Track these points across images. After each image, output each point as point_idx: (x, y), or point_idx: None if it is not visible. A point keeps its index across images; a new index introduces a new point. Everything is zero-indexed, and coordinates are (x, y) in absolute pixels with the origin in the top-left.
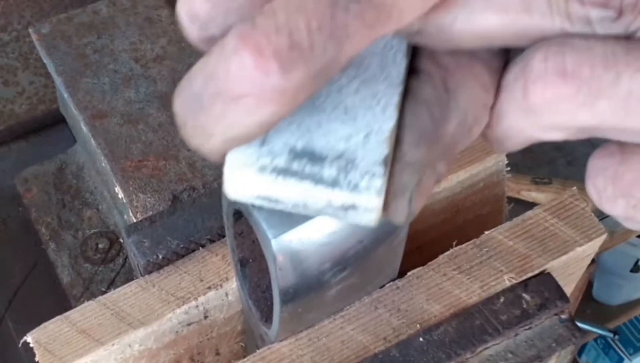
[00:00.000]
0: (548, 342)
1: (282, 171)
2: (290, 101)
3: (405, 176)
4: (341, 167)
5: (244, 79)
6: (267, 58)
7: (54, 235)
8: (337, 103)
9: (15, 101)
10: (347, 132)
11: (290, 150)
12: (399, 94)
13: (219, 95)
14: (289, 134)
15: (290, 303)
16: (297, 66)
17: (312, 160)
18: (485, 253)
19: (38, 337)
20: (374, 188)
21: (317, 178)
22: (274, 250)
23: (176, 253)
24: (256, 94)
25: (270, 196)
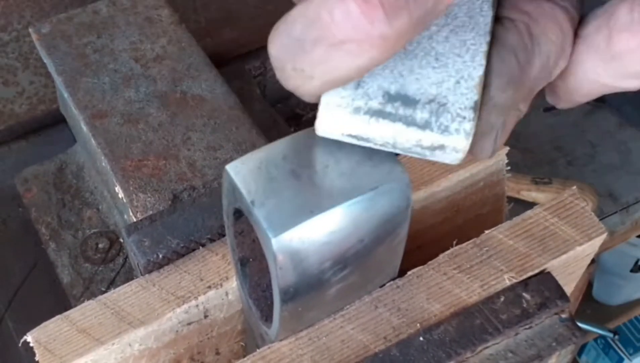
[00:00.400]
0: (548, 341)
1: (376, 112)
2: (391, 47)
3: (493, 117)
4: (433, 110)
5: (349, 25)
6: (373, 6)
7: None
8: (428, 50)
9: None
10: (438, 78)
11: (384, 93)
12: (487, 43)
13: (322, 39)
14: (383, 78)
15: (290, 302)
16: (401, 13)
17: (405, 103)
18: (485, 253)
19: (38, 336)
20: (463, 131)
21: (409, 120)
22: (274, 249)
23: (176, 253)
24: (359, 40)
25: (361, 135)
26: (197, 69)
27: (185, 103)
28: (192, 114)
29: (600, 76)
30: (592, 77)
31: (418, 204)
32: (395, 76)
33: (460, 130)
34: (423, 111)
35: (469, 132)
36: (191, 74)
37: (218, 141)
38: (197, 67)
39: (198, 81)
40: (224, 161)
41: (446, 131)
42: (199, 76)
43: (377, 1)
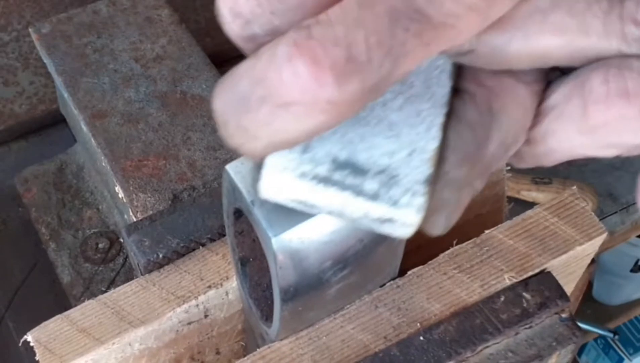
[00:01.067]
0: (548, 341)
1: (322, 179)
2: (341, 113)
3: (446, 194)
4: (383, 182)
5: (296, 87)
6: (323, 69)
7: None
8: (382, 118)
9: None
10: (391, 148)
11: (332, 160)
12: (443, 115)
13: (268, 99)
14: (332, 143)
15: (290, 302)
16: (352, 79)
17: (355, 172)
18: (485, 252)
19: (38, 335)
20: (414, 206)
21: (357, 189)
22: (275, 248)
23: (176, 252)
24: (307, 103)
25: (307, 201)
26: (197, 69)
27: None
28: (192, 114)
29: (574, 146)
30: (565, 146)
31: None
32: (345, 142)
33: (412, 204)
34: (373, 182)
35: (421, 207)
36: (191, 74)
37: (218, 141)
38: (197, 67)
39: (198, 81)
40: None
41: (396, 204)
42: (199, 76)
43: (327, 64)
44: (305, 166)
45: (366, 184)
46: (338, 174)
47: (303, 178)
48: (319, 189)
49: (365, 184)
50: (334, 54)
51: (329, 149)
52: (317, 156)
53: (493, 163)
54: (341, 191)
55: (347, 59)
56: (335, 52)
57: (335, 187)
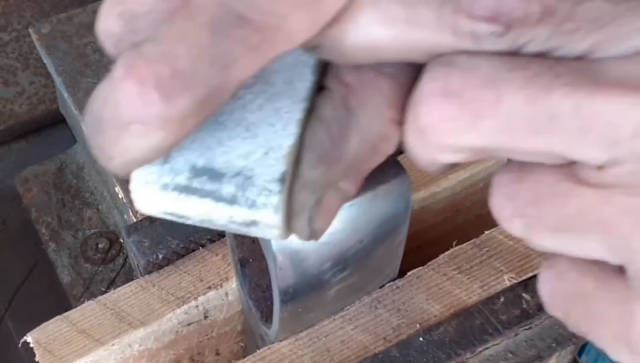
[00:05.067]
0: (548, 342)
1: (183, 188)
2: (178, 127)
3: (303, 196)
4: (239, 184)
5: (129, 107)
6: (147, 87)
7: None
8: (240, 120)
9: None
10: (247, 149)
11: (191, 168)
12: (301, 110)
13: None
14: (190, 151)
15: (290, 303)
16: (179, 94)
17: (212, 177)
18: (485, 253)
19: (38, 336)
20: (270, 205)
21: (216, 195)
22: (274, 249)
23: (176, 253)
24: (142, 121)
25: (176, 212)
26: None
27: None
28: None
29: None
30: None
31: (418, 204)
32: (203, 148)
33: (267, 204)
34: (229, 185)
35: (277, 206)
36: None
37: None
38: None
39: None
40: None
41: (254, 205)
42: None
43: (151, 82)
44: (165, 177)
45: (223, 189)
46: (197, 181)
47: (165, 190)
48: (182, 199)
49: (222, 189)
50: (158, 71)
51: (187, 157)
52: (177, 166)
53: (360, 163)
54: (202, 198)
55: (171, 75)
56: (159, 69)
57: (196, 195)
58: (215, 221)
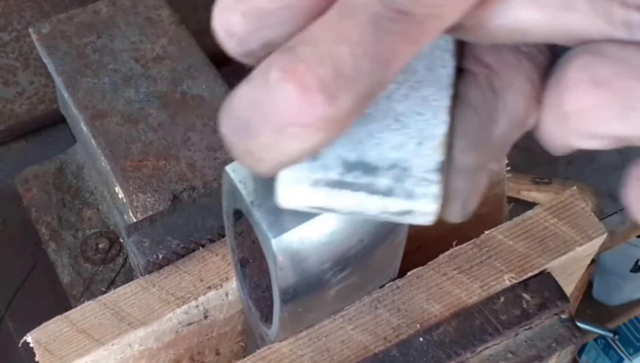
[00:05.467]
0: (548, 342)
1: (336, 184)
2: (338, 126)
3: (457, 182)
4: (396, 176)
5: (290, 110)
6: (311, 90)
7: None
8: (387, 111)
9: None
10: (399, 140)
11: (343, 163)
12: (448, 97)
13: (266, 124)
14: (341, 146)
15: (290, 303)
16: (342, 93)
17: (366, 171)
18: (485, 253)
19: (38, 336)
20: (430, 195)
21: (372, 188)
22: (274, 249)
23: (176, 253)
24: (303, 124)
25: (324, 206)
26: (197, 69)
27: (185, 103)
28: (192, 114)
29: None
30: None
31: None
32: (353, 143)
33: (427, 194)
34: (385, 178)
35: (436, 195)
36: (191, 74)
37: (218, 142)
38: (197, 67)
39: (198, 81)
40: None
41: (411, 196)
42: (199, 76)
43: (315, 85)
44: (316, 174)
45: (379, 182)
46: (350, 176)
47: (316, 186)
48: (333, 194)
49: (378, 182)
50: (321, 73)
51: (338, 152)
52: (327, 162)
53: (506, 143)
54: (356, 192)
55: (334, 76)
56: (322, 71)
57: (349, 189)
58: (366, 212)
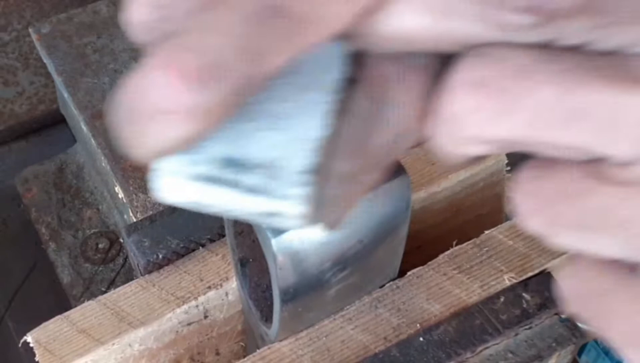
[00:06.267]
0: (548, 342)
1: (209, 178)
2: (208, 118)
3: (330, 188)
4: (267, 175)
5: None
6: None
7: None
8: (269, 111)
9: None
10: (275, 140)
11: (218, 158)
12: (331, 102)
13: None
14: (218, 142)
15: (290, 303)
16: (210, 84)
17: (240, 168)
18: (485, 253)
19: (38, 336)
20: (298, 197)
21: (243, 185)
22: (274, 249)
23: (176, 253)
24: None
25: (200, 201)
26: None
27: None
28: None
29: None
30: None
31: (418, 204)
32: (231, 139)
33: (294, 196)
34: (258, 176)
35: (304, 198)
36: None
37: None
38: None
39: None
40: None
41: (280, 196)
42: None
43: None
44: (192, 167)
45: (250, 179)
46: (223, 172)
47: (191, 180)
48: (207, 189)
49: (249, 180)
50: (191, 60)
51: (215, 148)
52: (204, 156)
53: (384, 156)
54: (228, 188)
55: (202, 65)
56: (191, 59)
57: (222, 185)
58: (239, 211)
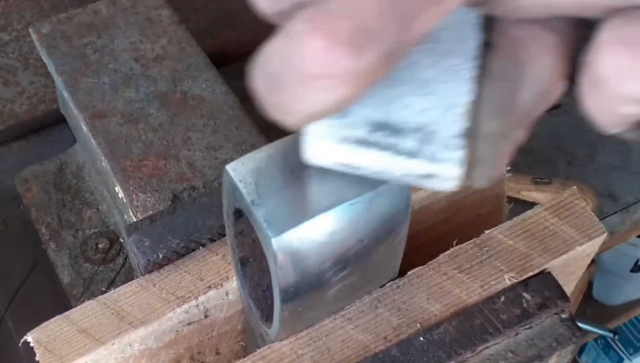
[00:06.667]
0: (548, 342)
1: (362, 142)
2: (363, 81)
3: (482, 147)
4: (421, 139)
5: (317, 62)
6: (337, 42)
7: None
8: (415, 76)
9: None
10: (426, 105)
11: (370, 122)
12: (474, 67)
13: (294, 76)
14: (369, 107)
15: (290, 302)
16: (367, 48)
17: (392, 132)
18: (485, 253)
19: (38, 336)
20: (454, 160)
21: (397, 149)
22: (275, 248)
23: (176, 252)
24: (328, 76)
25: (350, 164)
26: (197, 69)
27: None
28: (192, 114)
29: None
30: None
31: (418, 204)
32: (381, 104)
33: (451, 159)
34: (411, 140)
35: (459, 160)
36: (191, 74)
37: (218, 141)
38: (197, 67)
39: (198, 81)
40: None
41: (435, 159)
42: (199, 76)
43: (341, 37)
44: (343, 130)
45: (404, 143)
46: (376, 135)
47: (343, 143)
48: (359, 152)
49: (403, 143)
50: (346, 25)
51: (366, 112)
52: (355, 120)
53: (531, 112)
54: (381, 151)
55: (359, 30)
56: (347, 24)
57: (375, 148)
58: (391, 173)
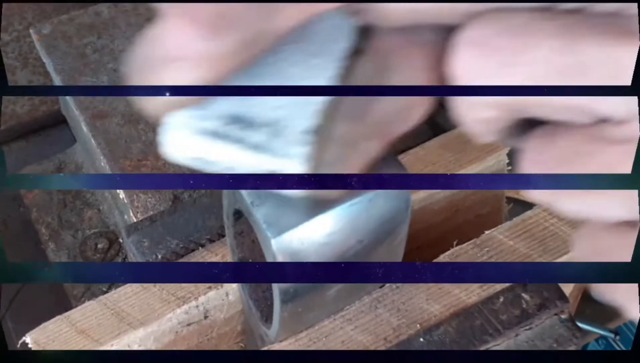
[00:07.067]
0: (548, 342)
1: (215, 134)
2: (218, 66)
3: (331, 150)
4: (270, 133)
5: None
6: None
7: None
8: (280, 72)
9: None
10: (281, 101)
11: (225, 115)
12: (335, 68)
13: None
14: (228, 100)
15: (290, 303)
16: (223, 33)
17: (245, 125)
18: (485, 253)
19: (37, 337)
20: (298, 156)
21: (245, 142)
22: (274, 249)
23: (176, 253)
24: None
25: (204, 157)
26: None
27: None
28: None
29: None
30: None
31: (418, 204)
32: (242, 97)
33: (295, 154)
34: (260, 134)
35: (304, 158)
36: None
37: None
38: None
39: None
40: None
41: (280, 154)
42: None
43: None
44: (198, 122)
45: (254, 137)
46: (229, 128)
47: (198, 134)
48: (212, 145)
49: (252, 137)
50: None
51: (225, 105)
52: (213, 113)
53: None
54: (231, 144)
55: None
56: (209, 9)
57: (226, 141)
58: (240, 168)
